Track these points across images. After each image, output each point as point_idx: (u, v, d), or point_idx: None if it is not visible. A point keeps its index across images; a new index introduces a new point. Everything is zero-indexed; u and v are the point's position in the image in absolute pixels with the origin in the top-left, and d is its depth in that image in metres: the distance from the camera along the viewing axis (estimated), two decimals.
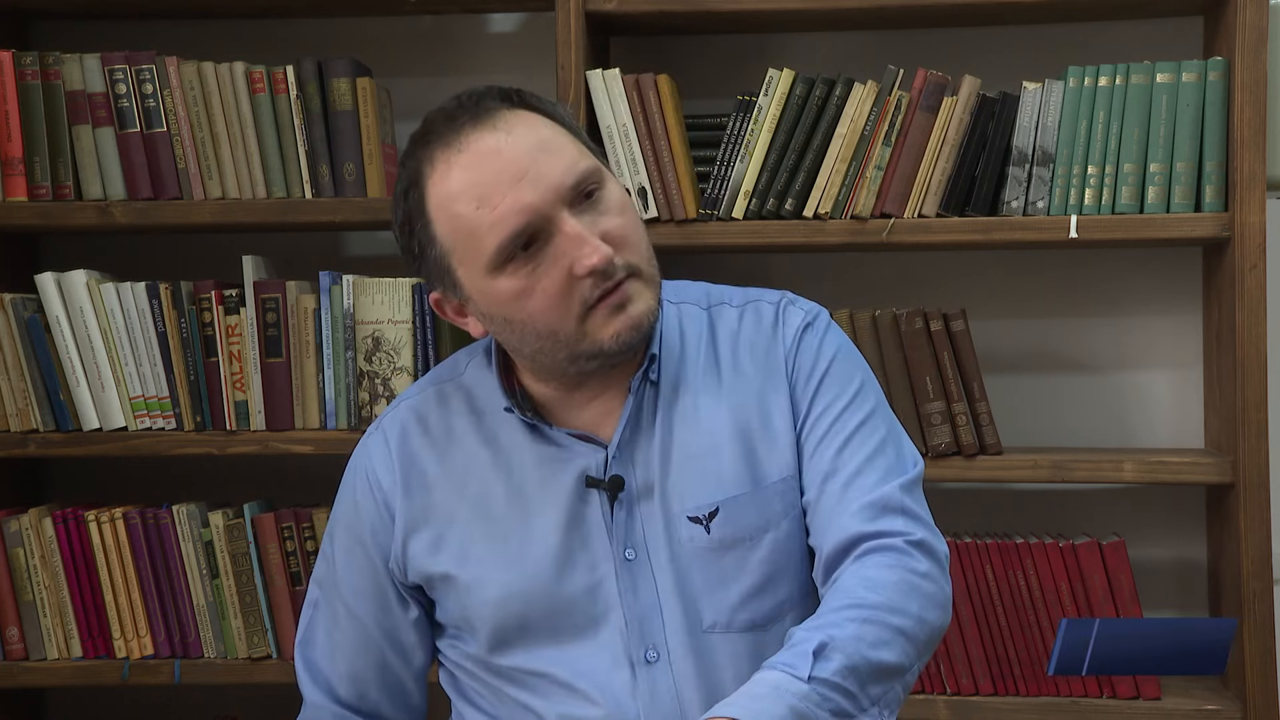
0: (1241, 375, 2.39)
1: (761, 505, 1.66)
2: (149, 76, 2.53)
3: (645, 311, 1.61)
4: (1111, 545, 2.44)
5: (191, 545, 2.53)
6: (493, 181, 1.56)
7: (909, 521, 1.62)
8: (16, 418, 2.55)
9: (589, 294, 1.58)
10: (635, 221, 1.63)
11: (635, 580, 1.66)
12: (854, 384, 1.69)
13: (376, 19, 2.77)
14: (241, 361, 2.51)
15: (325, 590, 1.79)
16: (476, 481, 1.70)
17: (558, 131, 1.62)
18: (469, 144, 1.59)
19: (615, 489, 1.66)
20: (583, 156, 1.61)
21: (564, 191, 1.57)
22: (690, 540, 1.65)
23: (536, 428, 1.68)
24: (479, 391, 1.73)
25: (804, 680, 1.47)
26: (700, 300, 1.76)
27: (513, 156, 1.57)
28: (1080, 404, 2.71)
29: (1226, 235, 2.39)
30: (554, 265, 1.57)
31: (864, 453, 1.65)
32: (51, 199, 2.54)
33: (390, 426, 1.76)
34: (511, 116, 1.60)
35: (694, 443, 1.67)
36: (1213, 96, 2.39)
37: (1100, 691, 2.46)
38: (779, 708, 1.45)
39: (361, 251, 2.82)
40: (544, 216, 1.56)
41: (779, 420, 1.68)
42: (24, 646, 2.55)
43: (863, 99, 2.44)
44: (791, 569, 1.68)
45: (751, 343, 1.72)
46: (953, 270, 2.71)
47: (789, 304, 1.74)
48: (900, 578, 1.58)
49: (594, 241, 1.56)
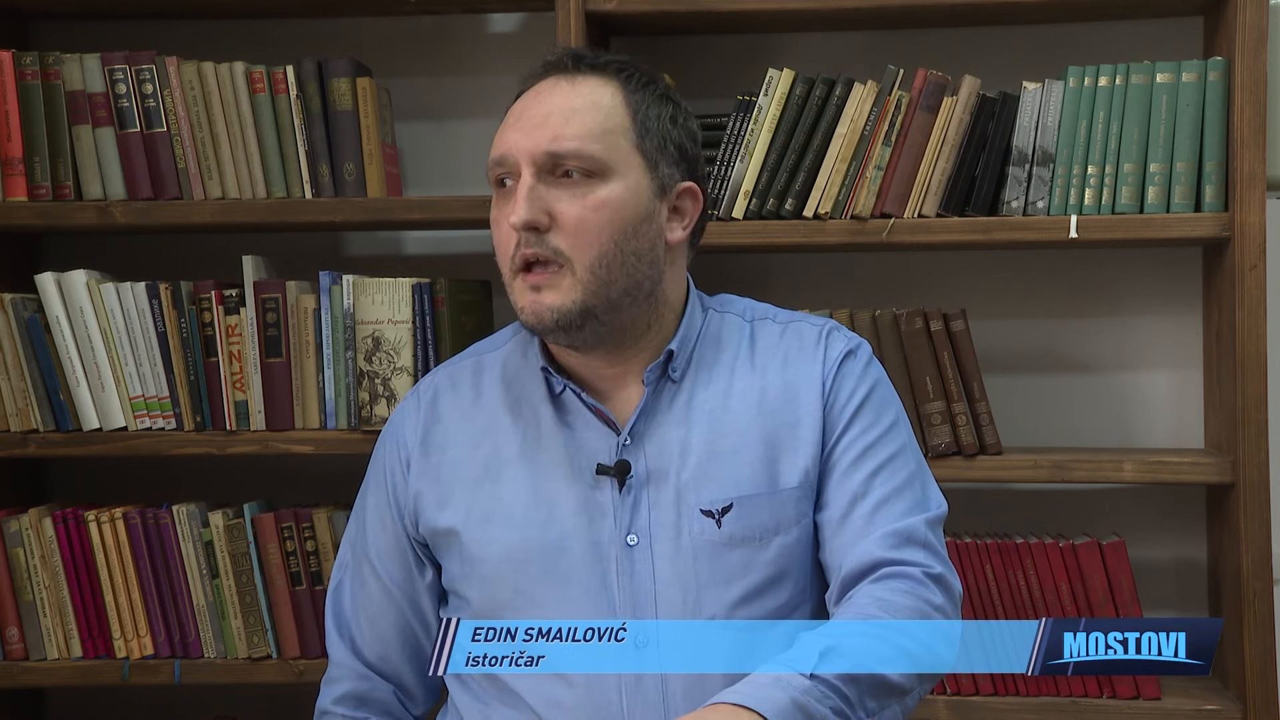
0: (1241, 375, 2.39)
1: (775, 508, 1.71)
2: (149, 76, 2.53)
3: (552, 305, 1.68)
4: (1111, 545, 2.44)
5: (191, 545, 2.53)
6: (516, 115, 1.72)
7: (929, 555, 1.68)
8: (16, 418, 2.54)
9: (514, 255, 1.68)
10: (607, 225, 1.69)
11: (634, 566, 1.69)
12: (889, 417, 1.75)
13: (376, 19, 2.77)
14: (241, 361, 2.51)
15: (355, 551, 1.86)
16: (492, 443, 1.76)
17: (616, 118, 1.71)
18: (540, 84, 1.74)
19: (622, 474, 1.70)
20: (598, 143, 1.68)
21: (537, 154, 1.68)
22: (700, 533, 1.69)
23: (560, 404, 1.75)
24: (513, 361, 1.81)
25: (806, 676, 1.50)
26: (745, 313, 1.83)
27: (540, 108, 1.70)
28: (1080, 404, 2.71)
29: (1226, 235, 2.39)
30: (506, 212, 1.70)
31: (894, 483, 1.71)
32: (51, 199, 2.54)
33: (425, 390, 1.85)
34: (582, 79, 1.72)
35: (717, 440, 1.72)
36: (1213, 96, 2.39)
37: (1100, 691, 2.46)
38: (781, 697, 1.48)
39: (361, 251, 2.82)
40: (514, 164, 1.69)
41: (807, 431, 1.73)
42: (24, 646, 2.55)
43: (863, 99, 2.44)
44: (795, 574, 1.72)
45: (791, 354, 1.77)
46: (953, 270, 2.71)
47: (833, 329, 1.80)
48: (914, 605, 1.62)
49: (525, 203, 1.66)
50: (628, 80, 1.74)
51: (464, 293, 2.56)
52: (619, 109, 1.71)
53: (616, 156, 1.69)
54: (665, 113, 1.74)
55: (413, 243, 2.82)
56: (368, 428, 2.48)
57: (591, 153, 1.68)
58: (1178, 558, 2.70)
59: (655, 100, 1.74)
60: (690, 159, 1.78)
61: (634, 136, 1.71)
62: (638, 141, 1.71)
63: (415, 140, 2.78)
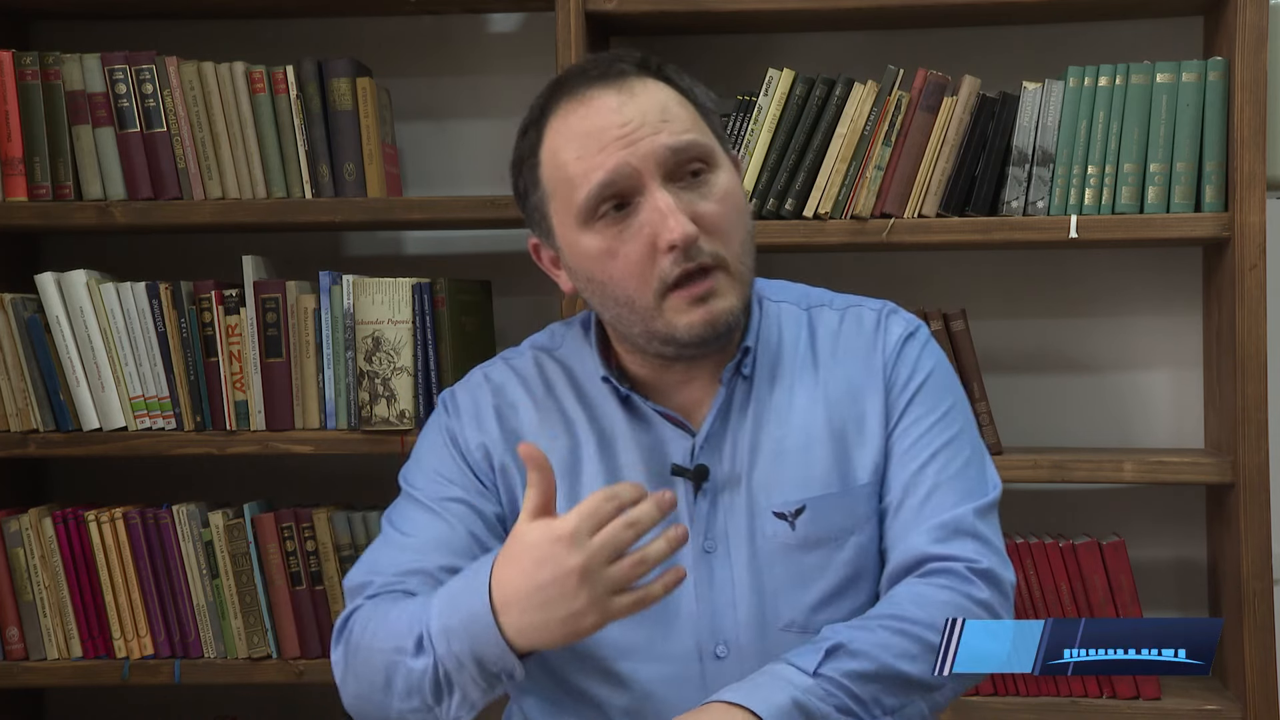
0: (1241, 375, 2.39)
1: (849, 507, 1.65)
2: (149, 76, 2.53)
3: (725, 310, 1.59)
4: (1111, 545, 2.44)
5: (191, 545, 2.53)
6: (599, 134, 1.57)
7: (978, 547, 1.62)
8: (16, 418, 2.55)
9: (668, 271, 1.56)
10: (736, 214, 1.61)
11: (712, 573, 1.64)
12: (946, 401, 1.69)
13: (376, 19, 2.77)
14: (241, 361, 2.51)
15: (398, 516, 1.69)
16: (569, 436, 1.68)
17: (685, 104, 1.61)
18: (592, 98, 1.58)
19: (700, 478, 1.64)
20: (699, 133, 1.60)
21: (662, 157, 1.56)
22: (774, 536, 1.63)
23: (631, 405, 1.67)
24: (575, 364, 1.72)
25: (809, 674, 1.48)
26: (800, 300, 1.75)
27: (626, 115, 1.57)
28: (1080, 404, 2.71)
29: (1226, 235, 2.39)
30: (639, 233, 1.56)
31: (947, 472, 1.65)
32: (51, 199, 2.54)
33: (486, 378, 1.73)
34: (641, 81, 1.60)
35: (786, 439, 1.66)
36: (1213, 96, 2.39)
37: (1100, 691, 2.46)
38: (781, 697, 1.46)
39: (361, 251, 2.82)
40: (635, 178, 1.56)
41: (873, 423, 1.67)
42: (24, 646, 2.55)
43: (863, 99, 2.44)
44: (871, 573, 1.67)
45: (851, 345, 1.71)
46: (953, 270, 2.71)
47: (892, 312, 1.73)
48: (952, 599, 1.58)
49: (679, 218, 1.54)
50: (656, 68, 1.64)
51: (464, 293, 2.56)
52: (679, 95, 1.62)
53: (713, 142, 1.61)
54: (702, 89, 1.66)
55: (413, 243, 2.82)
56: (368, 428, 2.48)
57: (704, 142, 1.59)
58: (1178, 558, 2.70)
59: (690, 80, 1.65)
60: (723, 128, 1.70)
61: (705, 121, 1.63)
62: (709, 125, 1.63)
63: (415, 140, 2.78)
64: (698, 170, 1.58)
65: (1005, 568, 1.63)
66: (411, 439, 2.49)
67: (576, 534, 1.42)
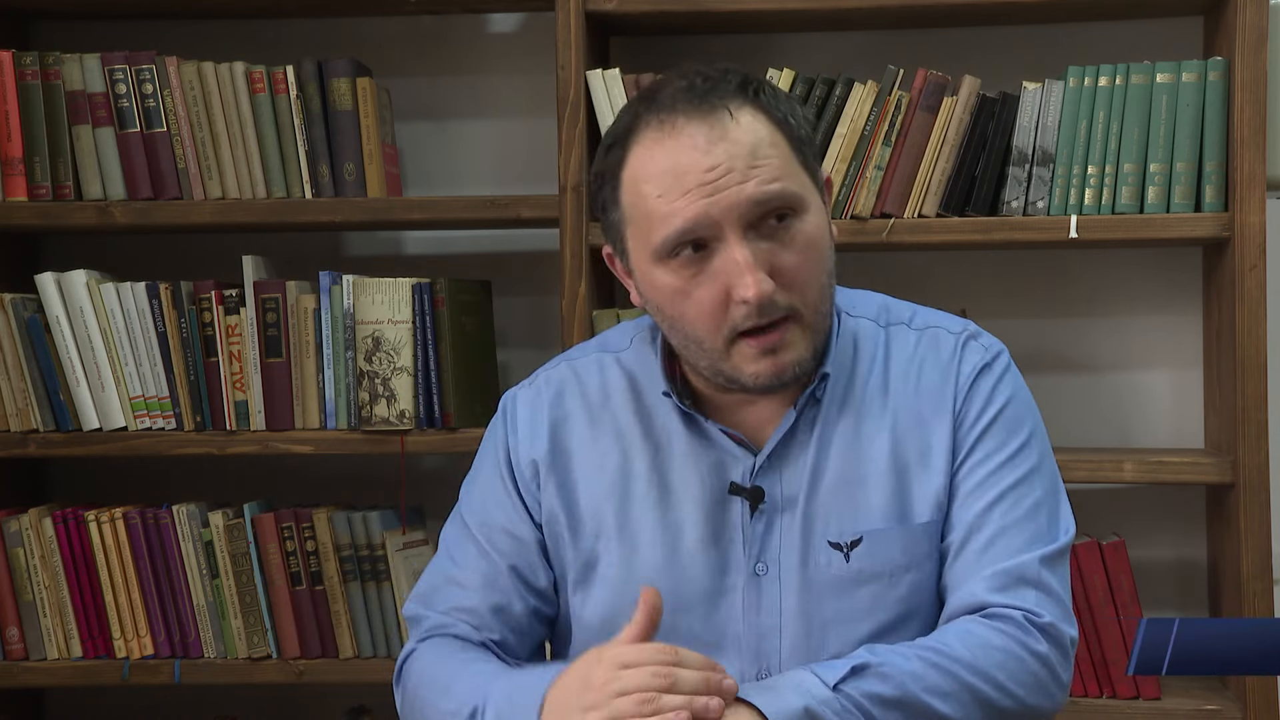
0: (1241, 375, 2.39)
1: (907, 543, 1.60)
2: (149, 76, 2.53)
3: (793, 361, 1.55)
4: (1111, 545, 2.44)
5: (191, 545, 2.53)
6: (683, 176, 1.52)
7: (1041, 598, 1.56)
8: (16, 418, 2.55)
9: (740, 321, 1.53)
10: (817, 262, 1.56)
11: (761, 597, 1.60)
12: (1020, 436, 1.63)
13: (376, 19, 2.77)
14: (241, 361, 2.51)
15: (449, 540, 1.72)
16: (621, 451, 1.65)
17: (778, 141, 1.55)
18: (681, 129, 1.53)
19: (757, 499, 1.60)
20: (788, 177, 1.54)
21: (745, 209, 1.51)
22: (827, 566, 1.59)
23: (691, 418, 1.63)
24: (639, 370, 1.68)
25: (829, 687, 1.45)
26: (879, 316, 1.70)
27: (712, 159, 1.51)
28: (1080, 404, 2.70)
29: (1226, 235, 2.39)
30: (714, 279, 1.53)
31: (1015, 514, 1.59)
32: (51, 199, 2.54)
33: (547, 382, 1.71)
34: (736, 113, 1.53)
35: (849, 467, 1.61)
36: (1213, 96, 2.39)
37: (1100, 692, 2.46)
38: (795, 702, 1.44)
39: (361, 251, 2.82)
40: (716, 229, 1.52)
41: (939, 458, 1.61)
42: (24, 646, 2.55)
43: (863, 99, 2.44)
44: (924, 613, 1.62)
45: (925, 371, 1.65)
46: (953, 270, 2.71)
47: (970, 338, 1.67)
48: (1005, 645, 1.53)
49: (756, 275, 1.50)
50: (761, 94, 1.56)
51: (464, 293, 2.56)
52: (774, 129, 1.55)
53: (802, 183, 1.55)
54: (798, 110, 1.59)
55: (413, 243, 2.82)
56: (368, 428, 2.48)
57: (792, 190, 1.53)
58: (1178, 558, 2.70)
59: (787, 103, 1.58)
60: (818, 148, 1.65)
61: (797, 156, 1.56)
62: (801, 159, 1.56)
63: (415, 140, 2.78)
64: (783, 215, 1.54)
65: (1069, 623, 1.57)
66: (411, 439, 2.49)
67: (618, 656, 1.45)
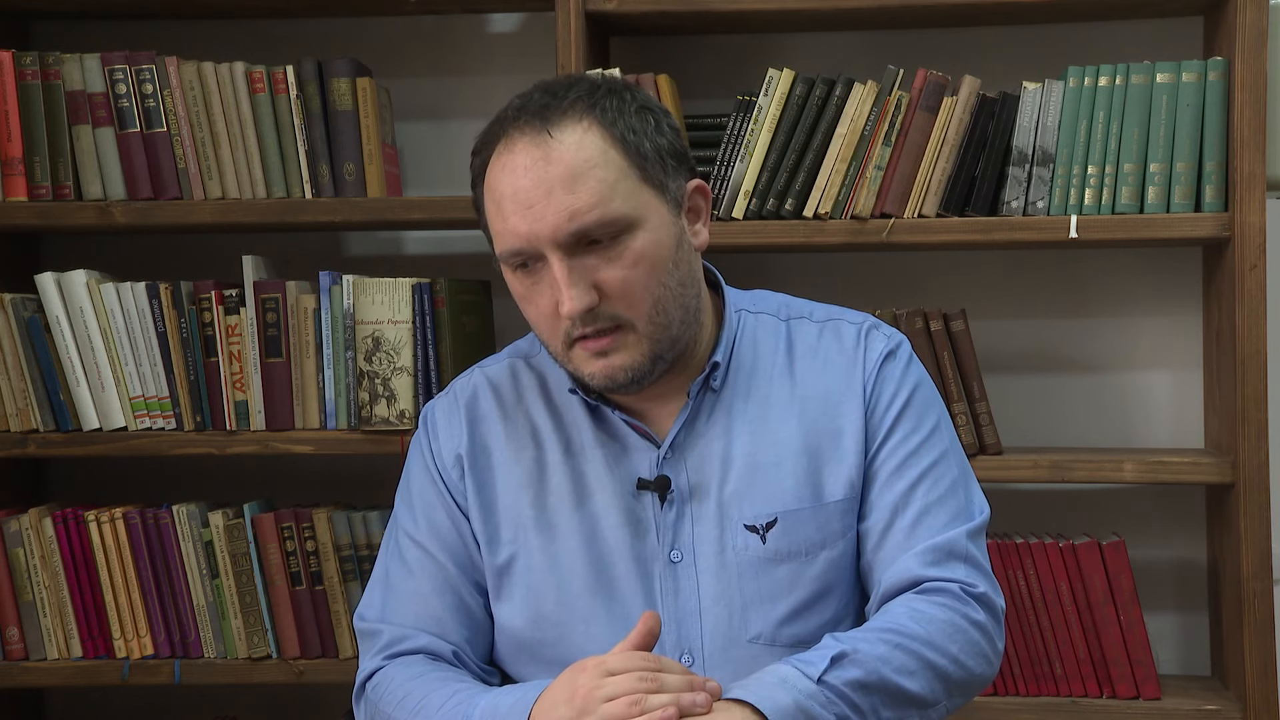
0: (1241, 375, 2.39)
1: (821, 521, 1.67)
2: (149, 76, 2.53)
3: (624, 365, 1.62)
4: (1111, 545, 2.44)
5: (191, 545, 2.53)
6: (510, 197, 1.59)
7: (971, 571, 1.64)
8: (16, 418, 2.55)
9: (571, 329, 1.61)
10: (650, 274, 1.60)
11: (678, 583, 1.66)
12: (930, 420, 1.70)
13: (376, 19, 2.77)
14: (241, 361, 2.51)
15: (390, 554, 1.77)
16: (536, 447, 1.72)
17: (611, 159, 1.59)
18: (516, 148, 1.60)
19: (663, 489, 1.67)
20: (616, 197, 1.58)
21: (560, 237, 1.57)
22: (745, 549, 1.66)
23: (599, 415, 1.70)
24: (550, 371, 1.75)
25: (813, 680, 1.50)
26: (779, 311, 1.76)
27: (534, 181, 1.58)
28: (1080, 404, 2.71)
29: (1226, 235, 2.39)
30: (545, 292, 1.61)
31: (935, 493, 1.66)
32: (51, 199, 2.54)
33: (462, 390, 1.79)
34: (561, 134, 1.59)
35: (759, 452, 1.68)
36: (1213, 96, 2.39)
37: (1100, 692, 2.46)
38: (785, 699, 1.48)
39: (361, 251, 2.82)
40: (540, 247, 1.59)
41: (850, 440, 1.68)
42: (24, 646, 2.55)
43: (863, 99, 2.44)
44: (841, 589, 1.69)
45: (830, 360, 1.71)
46: (953, 270, 2.71)
47: (872, 328, 1.74)
48: (949, 618, 1.60)
49: (571, 292, 1.57)
50: (601, 111, 1.60)
51: (464, 293, 2.56)
52: (610, 149, 1.59)
53: (634, 203, 1.59)
54: (648, 126, 1.62)
55: (413, 243, 2.82)
56: (368, 428, 2.48)
57: (613, 214, 1.58)
58: (1178, 558, 2.70)
59: (634, 118, 1.62)
60: (684, 156, 1.66)
61: (636, 171, 1.60)
62: (641, 174, 1.60)
63: (415, 140, 2.78)
64: (613, 234, 1.59)
65: (997, 593, 1.67)
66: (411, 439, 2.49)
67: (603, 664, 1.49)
